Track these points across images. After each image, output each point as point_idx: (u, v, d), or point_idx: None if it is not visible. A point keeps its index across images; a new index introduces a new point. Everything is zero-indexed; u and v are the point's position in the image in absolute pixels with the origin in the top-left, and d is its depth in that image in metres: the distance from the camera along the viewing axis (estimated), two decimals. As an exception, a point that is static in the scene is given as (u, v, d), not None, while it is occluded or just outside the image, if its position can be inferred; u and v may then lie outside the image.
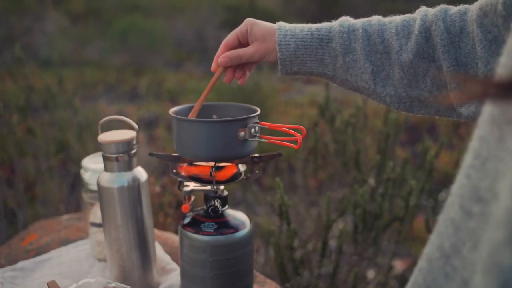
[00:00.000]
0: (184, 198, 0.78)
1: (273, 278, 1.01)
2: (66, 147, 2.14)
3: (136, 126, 0.82)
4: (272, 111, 3.13)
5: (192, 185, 0.79)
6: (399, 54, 0.66)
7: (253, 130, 0.71)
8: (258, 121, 0.74)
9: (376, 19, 0.70)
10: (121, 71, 4.77)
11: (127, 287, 0.74)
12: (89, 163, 0.98)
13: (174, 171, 0.78)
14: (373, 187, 1.44)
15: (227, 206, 0.79)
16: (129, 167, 0.81)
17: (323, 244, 1.17)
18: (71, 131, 2.09)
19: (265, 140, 0.72)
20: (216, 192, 0.78)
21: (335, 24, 0.71)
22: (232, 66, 0.76)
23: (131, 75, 4.72)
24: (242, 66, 0.78)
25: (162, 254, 0.98)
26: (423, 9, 0.67)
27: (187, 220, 0.78)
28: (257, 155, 0.77)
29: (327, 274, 1.32)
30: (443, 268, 0.34)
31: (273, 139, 0.72)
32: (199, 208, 0.81)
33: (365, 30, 0.68)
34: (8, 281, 0.91)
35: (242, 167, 0.79)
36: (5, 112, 1.86)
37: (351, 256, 1.35)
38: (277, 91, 3.70)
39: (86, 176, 0.97)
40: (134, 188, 0.81)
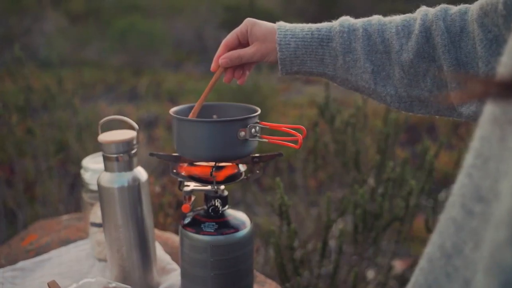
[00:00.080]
0: (184, 198, 0.78)
1: (273, 278, 1.01)
2: (65, 147, 2.13)
3: (136, 126, 0.82)
4: (271, 111, 3.13)
5: (192, 185, 0.79)
6: (399, 53, 0.66)
7: (253, 130, 0.71)
8: (258, 121, 0.74)
9: (376, 19, 0.70)
10: (120, 71, 4.76)
11: (127, 287, 0.74)
12: (89, 163, 0.98)
13: (174, 171, 0.78)
14: (373, 187, 1.44)
15: (227, 206, 0.79)
16: (129, 167, 0.81)
17: (323, 244, 1.17)
18: (70, 131, 2.09)
19: (266, 140, 0.72)
20: (216, 192, 0.77)
21: (335, 24, 0.71)
22: (232, 66, 0.76)
23: (131, 75, 4.71)
24: (241, 66, 0.78)
25: (162, 254, 0.98)
26: (424, 9, 0.67)
27: (187, 220, 0.78)
28: (258, 155, 0.77)
29: (327, 274, 1.32)
30: (444, 267, 0.34)
31: (274, 139, 0.72)
32: (200, 208, 0.81)
33: (366, 29, 0.68)
34: (8, 281, 0.91)
35: (242, 167, 0.79)
36: (4, 112, 1.86)
37: (351, 256, 1.35)
38: (277, 91, 3.70)
39: (86, 176, 0.97)
40: (134, 188, 0.81)
